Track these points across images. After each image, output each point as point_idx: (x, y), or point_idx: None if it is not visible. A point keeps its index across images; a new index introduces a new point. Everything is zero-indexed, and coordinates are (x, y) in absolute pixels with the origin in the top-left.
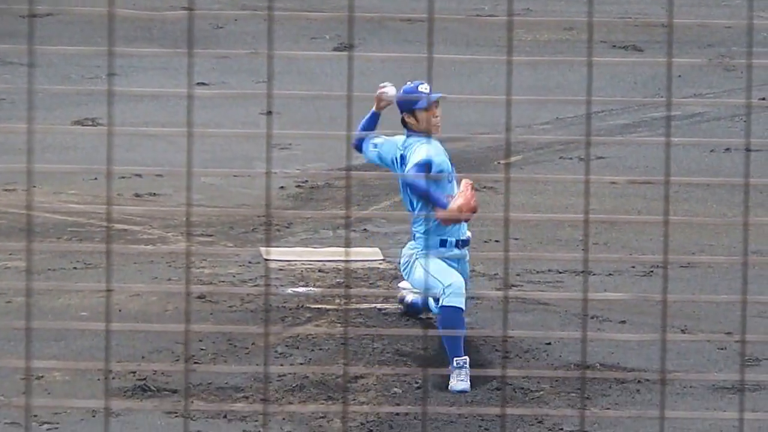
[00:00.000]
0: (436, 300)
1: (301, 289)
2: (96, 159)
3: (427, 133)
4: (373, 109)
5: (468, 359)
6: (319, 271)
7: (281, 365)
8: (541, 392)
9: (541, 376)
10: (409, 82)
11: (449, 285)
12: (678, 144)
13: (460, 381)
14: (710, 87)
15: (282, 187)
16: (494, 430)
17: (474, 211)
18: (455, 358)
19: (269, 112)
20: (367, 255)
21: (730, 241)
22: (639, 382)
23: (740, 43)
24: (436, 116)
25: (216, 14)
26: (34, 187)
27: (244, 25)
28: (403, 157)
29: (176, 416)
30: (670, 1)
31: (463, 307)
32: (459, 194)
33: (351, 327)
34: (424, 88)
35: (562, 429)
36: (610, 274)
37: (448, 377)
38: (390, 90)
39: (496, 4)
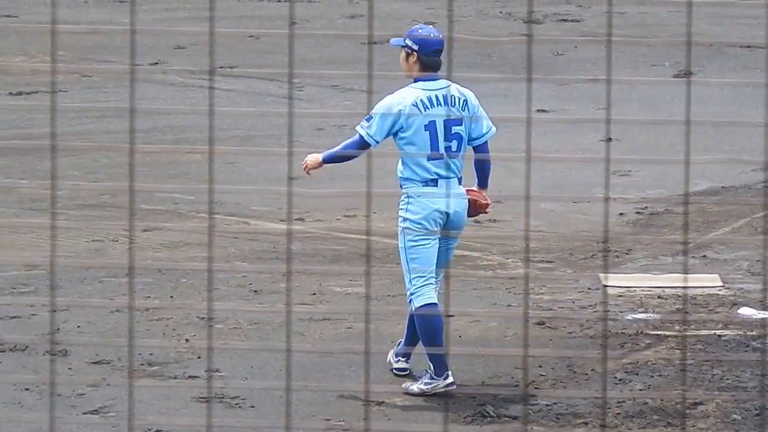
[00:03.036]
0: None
1: (640, 315)
2: None
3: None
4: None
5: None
6: (659, 297)
7: (620, 391)
8: None
9: None
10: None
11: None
12: None
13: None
14: None
15: (621, 214)
16: None
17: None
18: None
19: (609, 139)
20: (706, 281)
21: None
22: None
23: None
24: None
25: (556, 41)
26: (375, 213)
27: (584, 52)
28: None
29: None
30: None
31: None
32: None
33: (690, 353)
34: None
35: None
36: None
37: None
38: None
39: None
